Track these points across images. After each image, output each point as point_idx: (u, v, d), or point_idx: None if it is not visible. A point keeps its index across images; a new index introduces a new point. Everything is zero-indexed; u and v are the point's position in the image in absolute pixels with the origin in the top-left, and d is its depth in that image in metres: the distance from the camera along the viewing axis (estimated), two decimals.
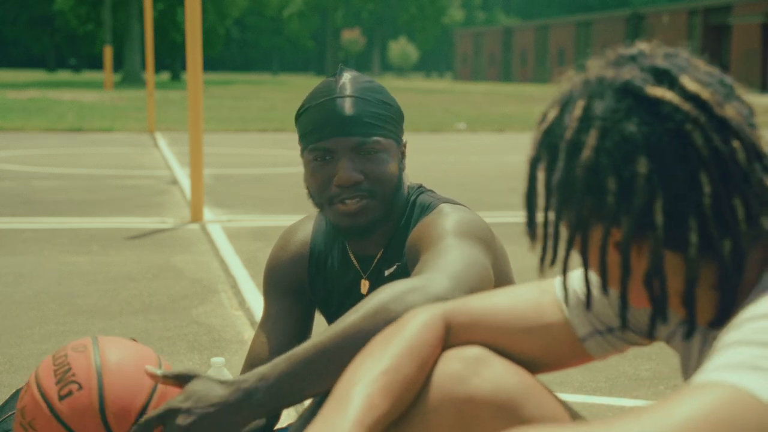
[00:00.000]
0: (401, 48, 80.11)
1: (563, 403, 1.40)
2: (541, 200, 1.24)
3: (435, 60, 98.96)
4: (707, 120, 1.14)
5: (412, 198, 2.02)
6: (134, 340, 1.99)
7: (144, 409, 1.76)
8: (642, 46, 1.23)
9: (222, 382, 1.57)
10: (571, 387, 3.14)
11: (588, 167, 1.16)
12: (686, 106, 1.14)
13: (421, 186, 2.06)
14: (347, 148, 1.93)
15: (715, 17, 41.62)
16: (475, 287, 1.68)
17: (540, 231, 1.24)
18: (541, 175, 1.24)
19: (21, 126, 16.06)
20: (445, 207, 1.93)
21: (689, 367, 1.33)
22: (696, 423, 0.98)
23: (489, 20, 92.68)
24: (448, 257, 1.71)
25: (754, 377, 1.00)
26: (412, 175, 2.09)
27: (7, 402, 2.09)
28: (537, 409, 1.35)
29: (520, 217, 7.15)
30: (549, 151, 1.22)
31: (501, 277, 1.94)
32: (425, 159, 11.40)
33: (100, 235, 6.13)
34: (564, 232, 1.22)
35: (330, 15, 77.38)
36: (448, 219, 1.86)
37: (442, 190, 2.16)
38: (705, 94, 1.15)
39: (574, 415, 1.41)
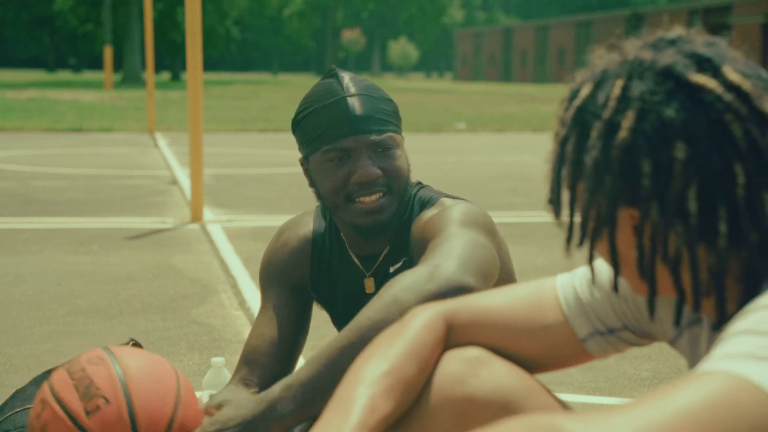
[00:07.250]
0: (401, 48, 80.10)
1: (563, 404, 1.40)
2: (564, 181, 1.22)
3: (435, 60, 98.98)
4: (748, 112, 1.14)
5: (413, 193, 2.04)
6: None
7: (173, 417, 1.72)
8: (680, 31, 1.22)
9: (248, 400, 1.59)
10: (571, 387, 3.14)
11: (624, 148, 1.15)
12: (728, 97, 1.14)
13: (419, 182, 2.09)
14: (365, 146, 1.95)
15: (715, 17, 41.62)
16: (483, 269, 1.69)
17: (567, 212, 1.23)
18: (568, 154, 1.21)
19: (21, 126, 16.06)
20: (446, 200, 1.97)
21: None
22: (696, 411, 0.98)
23: (489, 20, 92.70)
24: (452, 242, 1.74)
25: (756, 366, 1.00)
26: (412, 175, 2.10)
27: (6, 402, 2.09)
28: (536, 409, 1.35)
29: (520, 217, 7.15)
30: (580, 128, 1.20)
31: (502, 270, 1.95)
32: (425, 159, 11.39)
33: (100, 235, 6.13)
34: (591, 215, 1.20)
35: (330, 15, 77.40)
36: (450, 210, 1.89)
37: (442, 190, 2.16)
38: (746, 85, 1.15)
39: None
